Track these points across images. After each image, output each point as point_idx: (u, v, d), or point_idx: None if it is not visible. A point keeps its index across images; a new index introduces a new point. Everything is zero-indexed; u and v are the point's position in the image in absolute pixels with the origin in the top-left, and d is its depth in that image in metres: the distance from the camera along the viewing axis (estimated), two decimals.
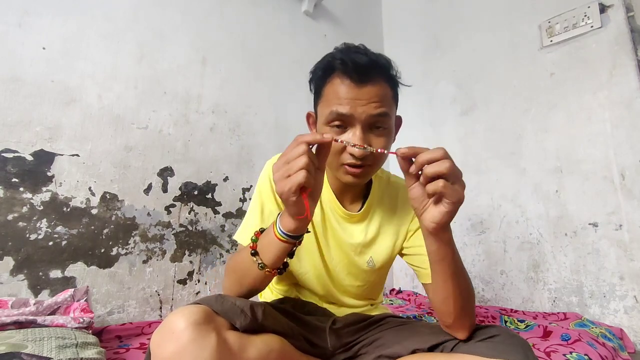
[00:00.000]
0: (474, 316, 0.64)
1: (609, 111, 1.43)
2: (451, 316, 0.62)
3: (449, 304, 0.62)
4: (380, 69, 0.67)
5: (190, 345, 0.48)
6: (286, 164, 0.52)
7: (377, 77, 0.66)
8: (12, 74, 1.10)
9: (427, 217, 0.55)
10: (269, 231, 0.61)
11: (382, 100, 0.66)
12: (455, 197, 0.51)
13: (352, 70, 0.65)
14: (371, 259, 0.81)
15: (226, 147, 1.55)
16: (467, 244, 1.81)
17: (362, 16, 2.31)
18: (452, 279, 0.61)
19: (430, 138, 2.04)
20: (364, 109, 0.64)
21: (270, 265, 0.61)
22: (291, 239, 0.59)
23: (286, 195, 0.52)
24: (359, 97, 0.65)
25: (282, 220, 0.58)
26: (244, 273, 0.65)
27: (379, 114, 0.65)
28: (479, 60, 1.88)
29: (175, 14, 1.48)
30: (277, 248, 0.59)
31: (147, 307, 1.26)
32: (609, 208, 1.39)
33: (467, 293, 0.63)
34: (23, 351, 0.67)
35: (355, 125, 0.65)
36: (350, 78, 0.65)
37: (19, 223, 1.06)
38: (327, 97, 0.68)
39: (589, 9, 1.50)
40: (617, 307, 1.33)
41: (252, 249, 0.62)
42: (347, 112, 0.64)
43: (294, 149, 0.52)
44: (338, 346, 0.74)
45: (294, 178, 0.51)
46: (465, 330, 0.63)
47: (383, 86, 0.67)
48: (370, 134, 0.67)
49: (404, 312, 1.47)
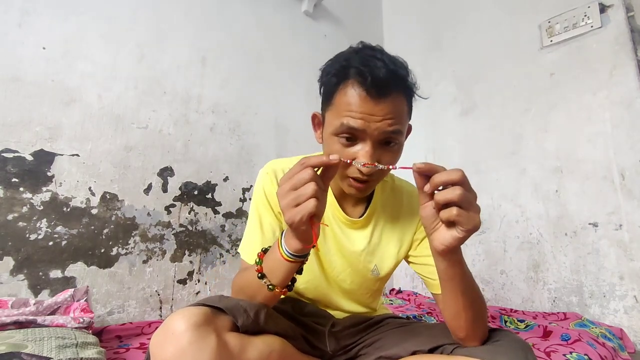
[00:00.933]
0: (486, 328, 0.63)
1: (609, 111, 1.43)
2: (463, 331, 0.61)
3: (460, 319, 0.60)
4: (398, 81, 0.62)
5: (190, 347, 0.48)
6: (293, 191, 0.50)
7: (394, 91, 0.61)
8: (12, 74, 1.10)
9: (437, 238, 0.53)
10: (274, 252, 0.58)
11: (398, 116, 0.62)
12: (471, 225, 0.49)
13: (370, 84, 0.59)
14: (376, 267, 0.78)
15: (226, 147, 1.55)
16: (467, 244, 1.80)
17: (362, 16, 2.31)
18: (463, 295, 0.59)
19: (430, 138, 2.04)
20: (377, 126, 0.60)
21: (280, 284, 0.59)
22: (298, 258, 0.57)
23: (296, 225, 0.51)
24: (373, 112, 0.60)
25: (288, 241, 0.56)
26: (253, 293, 0.62)
27: (392, 131, 0.61)
28: (479, 60, 1.88)
29: (175, 14, 1.48)
30: (285, 268, 0.57)
31: (147, 307, 1.26)
32: (609, 208, 1.39)
33: (479, 308, 0.61)
34: (23, 351, 0.67)
35: (366, 141, 0.61)
36: (366, 91, 0.60)
37: (19, 223, 1.06)
38: (338, 106, 0.63)
39: (589, 9, 1.50)
40: (617, 307, 1.33)
41: (258, 272, 0.60)
42: (359, 127, 0.60)
43: (300, 174, 0.50)
44: (337, 349, 0.74)
45: (303, 208, 0.49)
46: (477, 340, 0.61)
47: (400, 101, 0.63)
48: (381, 150, 0.63)
49: (404, 312, 1.47)
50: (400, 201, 0.80)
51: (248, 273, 0.64)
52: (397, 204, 0.80)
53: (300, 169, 0.51)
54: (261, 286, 0.60)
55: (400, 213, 0.79)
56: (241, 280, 0.67)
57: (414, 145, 2.10)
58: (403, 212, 0.80)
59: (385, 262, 0.78)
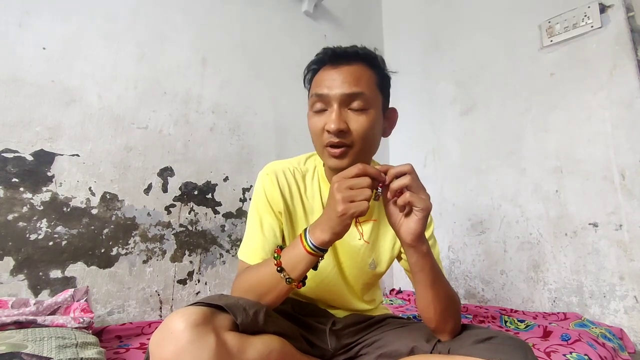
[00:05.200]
0: (456, 321, 0.67)
1: (609, 111, 1.42)
2: (432, 322, 0.67)
3: (430, 311, 0.66)
4: (360, 54, 0.71)
5: (189, 346, 0.48)
6: (350, 190, 0.57)
7: (354, 60, 0.70)
8: (12, 74, 1.10)
9: (403, 230, 0.61)
10: (296, 246, 0.62)
11: (358, 80, 0.68)
12: (423, 204, 0.58)
13: (331, 55, 0.71)
14: (373, 261, 0.81)
15: (226, 147, 1.55)
16: (467, 244, 1.81)
17: (362, 16, 2.31)
18: (432, 287, 0.65)
19: (430, 138, 2.04)
20: (339, 88, 0.67)
21: (297, 278, 0.62)
22: (320, 251, 0.61)
23: (346, 217, 0.57)
24: (334, 77, 0.68)
25: (314, 233, 0.60)
26: (266, 290, 0.64)
27: (353, 92, 0.67)
28: (479, 60, 1.88)
29: (175, 14, 1.48)
30: (307, 261, 0.61)
31: (147, 307, 1.26)
32: (609, 208, 1.39)
33: (447, 300, 0.66)
34: (23, 351, 0.67)
35: (332, 105, 0.68)
36: (330, 62, 0.70)
37: (19, 223, 1.06)
38: (312, 86, 0.73)
39: (589, 9, 1.50)
40: (617, 307, 1.33)
41: (277, 265, 0.62)
42: (324, 92, 0.68)
43: (360, 180, 0.58)
44: (338, 347, 0.75)
45: (357, 206, 0.56)
46: (447, 333, 0.66)
47: (361, 68, 0.70)
48: (349, 114, 0.68)
49: (404, 312, 1.47)
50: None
51: (261, 270, 0.66)
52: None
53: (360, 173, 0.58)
54: (278, 281, 0.62)
55: None
56: (252, 278, 0.67)
57: (414, 146, 2.10)
58: None
59: (382, 256, 0.82)
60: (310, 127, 0.72)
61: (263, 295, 0.64)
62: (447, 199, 1.91)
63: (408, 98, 2.11)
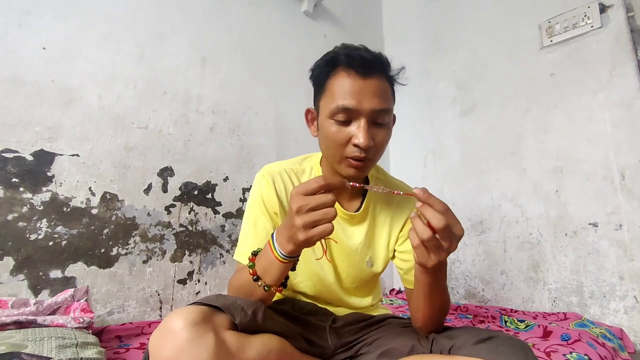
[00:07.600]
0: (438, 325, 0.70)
1: (609, 111, 1.42)
2: (419, 322, 0.70)
3: (419, 314, 0.68)
4: (382, 65, 0.69)
5: (188, 345, 0.48)
6: (312, 211, 0.53)
7: (380, 72, 0.68)
8: (12, 74, 1.10)
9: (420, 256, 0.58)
10: (266, 254, 0.60)
11: (386, 95, 0.68)
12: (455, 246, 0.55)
13: (359, 64, 0.66)
14: (370, 259, 0.81)
15: (226, 147, 1.55)
16: (467, 244, 1.81)
17: (362, 16, 2.31)
18: (427, 297, 0.65)
19: (430, 138, 2.04)
20: (369, 103, 0.65)
21: (274, 284, 0.62)
22: (292, 258, 0.59)
23: (310, 244, 0.55)
24: (364, 89, 0.65)
25: (281, 243, 0.58)
26: (250, 293, 0.65)
27: (382, 109, 0.66)
28: (479, 60, 1.88)
29: (175, 14, 1.48)
30: (279, 268, 0.60)
31: (147, 307, 1.26)
32: (609, 208, 1.38)
33: (437, 310, 0.67)
34: (23, 351, 0.67)
35: (360, 119, 0.66)
36: (356, 71, 0.66)
37: (19, 223, 1.06)
38: (331, 91, 0.68)
39: (589, 9, 1.50)
40: (617, 307, 1.33)
41: (252, 275, 0.62)
42: (353, 106, 0.65)
43: (322, 198, 0.53)
44: (339, 345, 0.75)
45: (323, 230, 0.53)
46: (425, 332, 0.69)
47: (385, 82, 0.69)
48: (373, 128, 0.67)
49: (404, 312, 1.47)
50: (392, 197, 0.83)
51: (242, 274, 0.67)
52: (390, 199, 0.84)
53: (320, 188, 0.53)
54: (257, 287, 0.62)
55: (391, 208, 0.83)
56: (237, 282, 0.69)
57: (414, 146, 2.10)
58: (394, 208, 0.83)
59: (379, 254, 0.82)
60: (328, 135, 0.68)
61: (249, 297, 0.64)
62: (447, 199, 1.89)
63: (408, 98, 2.11)
